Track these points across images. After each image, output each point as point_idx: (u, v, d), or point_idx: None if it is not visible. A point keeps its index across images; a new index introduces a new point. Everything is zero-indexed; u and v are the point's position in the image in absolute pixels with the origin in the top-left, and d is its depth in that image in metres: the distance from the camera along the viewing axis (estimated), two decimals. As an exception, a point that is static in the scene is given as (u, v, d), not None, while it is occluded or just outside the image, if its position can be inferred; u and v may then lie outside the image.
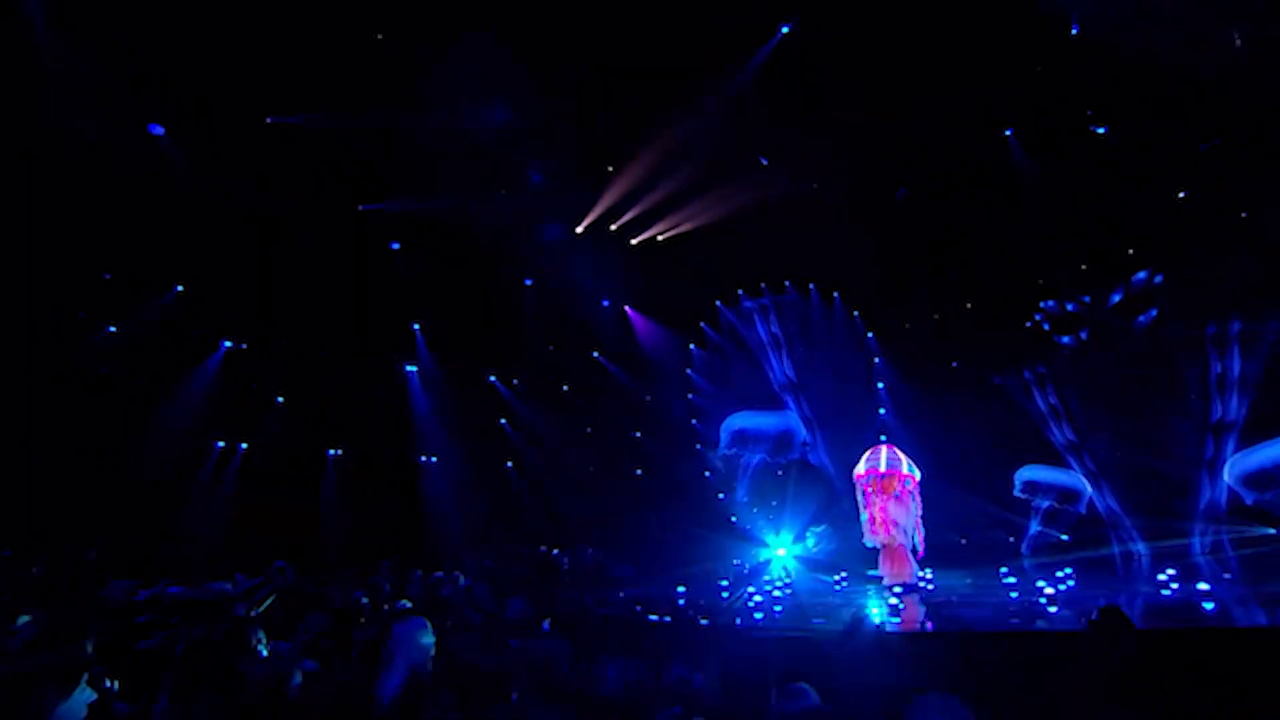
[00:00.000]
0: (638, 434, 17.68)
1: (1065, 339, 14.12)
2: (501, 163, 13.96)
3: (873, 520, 11.72)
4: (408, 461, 15.69)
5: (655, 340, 17.62)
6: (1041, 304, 14.48)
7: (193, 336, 14.62)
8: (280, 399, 15.06)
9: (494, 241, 15.14)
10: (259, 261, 13.52)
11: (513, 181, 14.50)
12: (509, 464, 16.84)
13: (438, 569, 11.63)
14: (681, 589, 11.10)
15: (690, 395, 17.68)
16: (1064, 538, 13.39)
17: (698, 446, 17.54)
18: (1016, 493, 14.15)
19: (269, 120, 12.11)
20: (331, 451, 15.67)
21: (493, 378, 16.94)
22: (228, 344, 14.89)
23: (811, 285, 17.28)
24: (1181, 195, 12.19)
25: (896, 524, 11.45)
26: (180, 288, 13.91)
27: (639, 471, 17.63)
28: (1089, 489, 13.45)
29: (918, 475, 12.23)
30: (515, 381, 17.00)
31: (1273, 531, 11.68)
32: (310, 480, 14.75)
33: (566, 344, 17.19)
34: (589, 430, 17.26)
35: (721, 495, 16.93)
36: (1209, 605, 7.85)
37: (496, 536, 14.38)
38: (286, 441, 14.36)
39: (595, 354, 17.70)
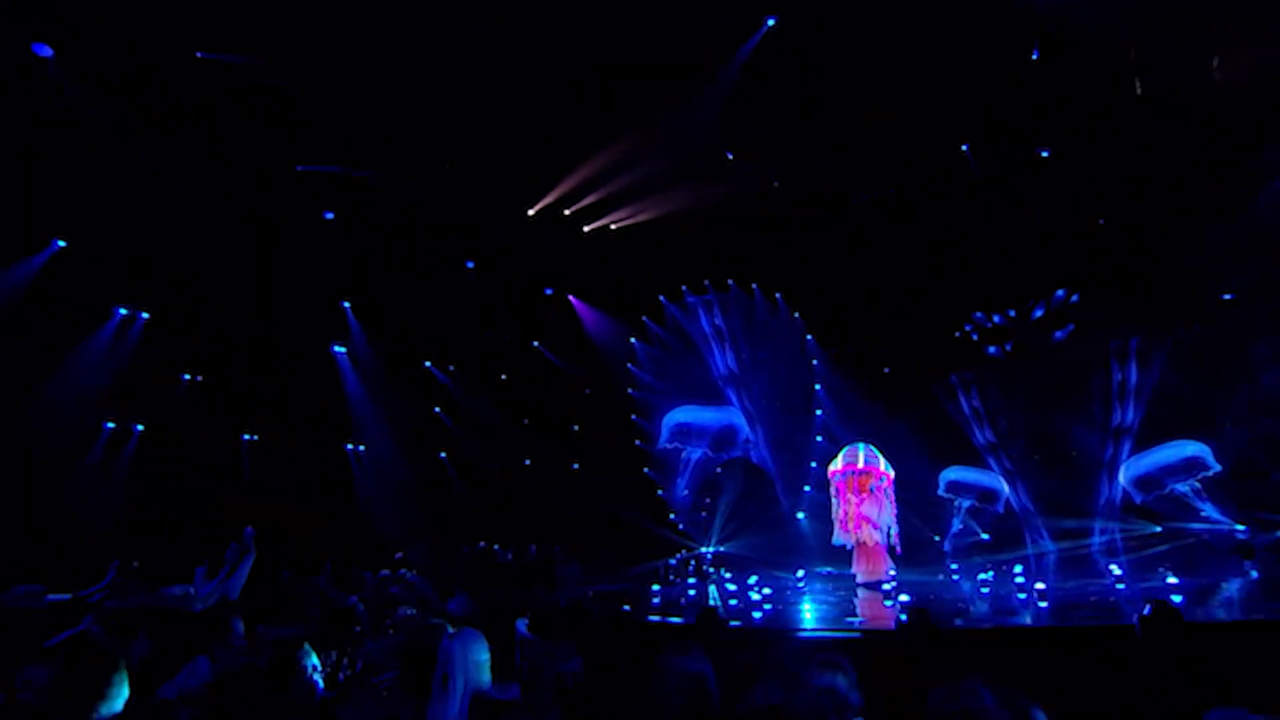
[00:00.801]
0: (576, 427, 17.34)
1: (992, 349, 15.15)
2: (453, 135, 13.19)
3: (846, 517, 11.95)
4: (335, 449, 14.56)
5: (598, 331, 17.34)
6: (973, 315, 15.43)
7: (80, 303, 12.87)
8: (189, 377, 13.53)
9: (438, 218, 14.34)
10: (165, 218, 12.04)
11: (463, 157, 13.72)
12: (442, 454, 16.02)
13: (372, 566, 10.91)
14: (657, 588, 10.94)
15: (630, 390, 17.54)
16: (984, 536, 14.36)
17: (637, 443, 17.43)
18: (940, 492, 15.02)
19: (199, 55, 10.72)
20: (247, 436, 14.29)
21: (428, 364, 16.04)
22: (123, 312, 13.23)
23: (755, 285, 17.56)
24: (1100, 221, 13.34)
25: (872, 521, 11.71)
26: (62, 243, 12.18)
27: (576, 466, 17.30)
28: (1006, 488, 14.52)
29: (892, 474, 12.61)
30: (451, 368, 16.18)
31: (1159, 530, 13.06)
32: (226, 468, 13.32)
33: (506, 331, 16.57)
34: (525, 421, 16.71)
35: (660, 492, 16.91)
36: (1177, 598, 8.58)
37: (432, 531, 13.61)
38: (197, 424, 12.90)
39: (535, 343, 17.19)
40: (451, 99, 12.36)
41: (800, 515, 16.07)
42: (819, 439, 16.76)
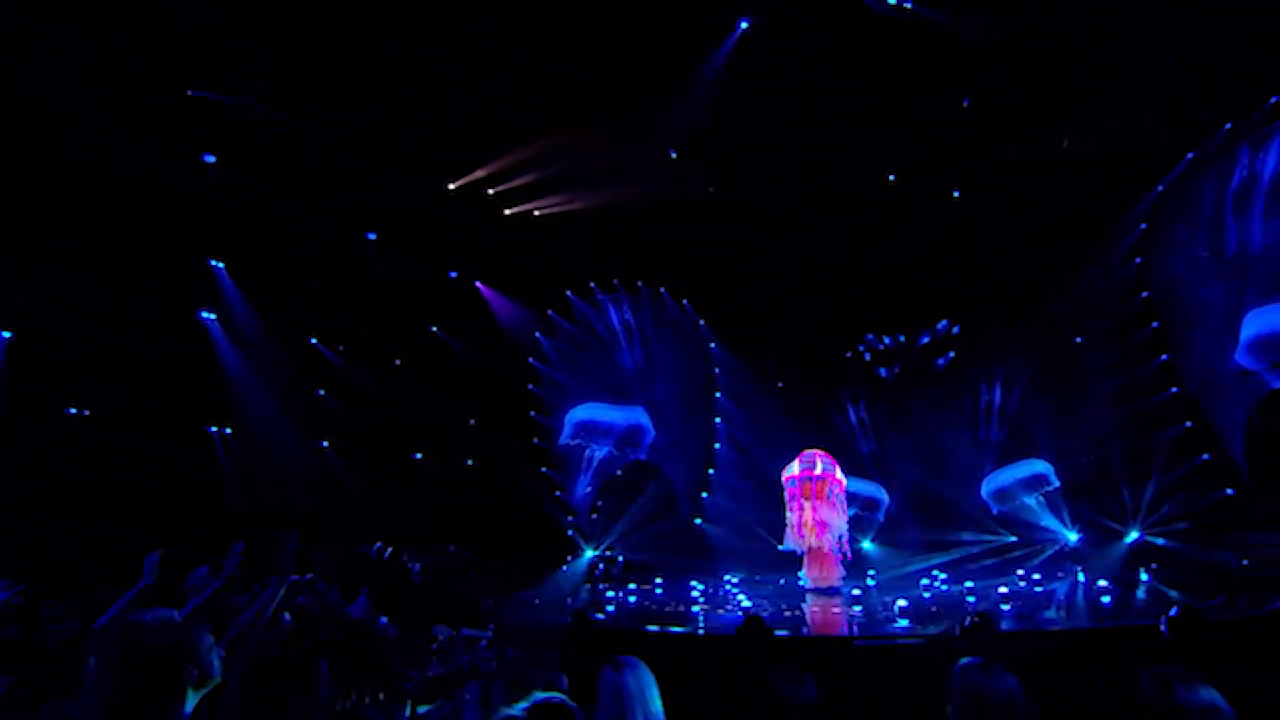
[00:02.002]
0: (473, 421, 16.30)
1: (882, 371, 16.41)
2: (379, 86, 11.84)
3: (802, 524, 12.11)
4: (198, 431, 12.41)
5: (504, 322, 16.47)
6: (865, 336, 16.62)
7: None
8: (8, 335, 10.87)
9: (341, 179, 12.83)
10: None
11: (386, 112, 12.37)
12: (324, 443, 14.28)
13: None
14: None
15: (531, 386, 16.83)
16: (868, 543, 15.49)
17: (535, 440, 16.75)
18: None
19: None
20: (73, 410, 11.74)
21: (314, 340, 14.26)
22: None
23: (663, 289, 17.58)
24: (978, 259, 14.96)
25: (827, 527, 11.96)
26: None
27: (470, 462, 16.26)
28: (887, 498, 15.77)
29: (845, 481, 12.92)
30: (340, 348, 14.51)
31: (1014, 539, 14.83)
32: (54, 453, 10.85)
33: (404, 312, 15.18)
34: (420, 412, 15.41)
35: (558, 493, 16.36)
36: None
37: (319, 530, 12.03)
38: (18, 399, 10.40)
39: (434, 328, 15.94)
40: (386, 43, 11.13)
41: (698, 521, 16.32)
42: (717, 445, 17.15)
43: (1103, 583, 10.45)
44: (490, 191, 14.08)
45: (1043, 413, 14.39)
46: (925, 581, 12.19)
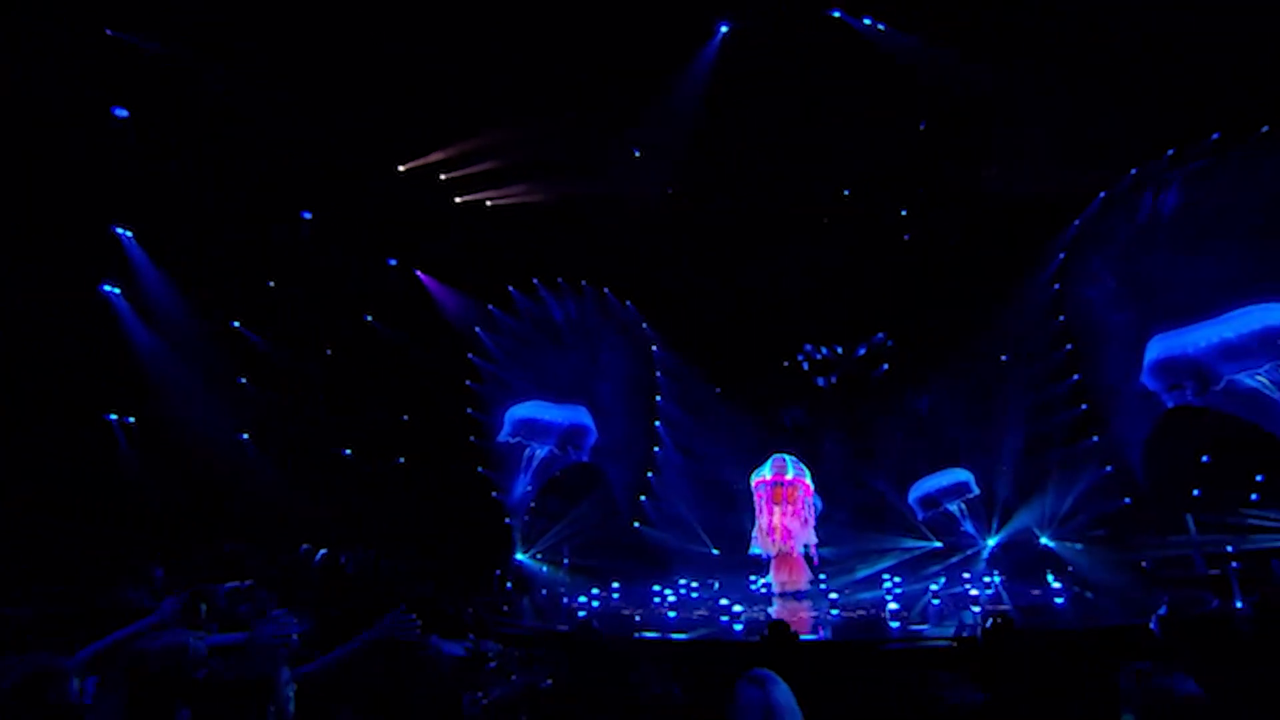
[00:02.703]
0: (406, 417, 15.40)
1: (820, 380, 16.91)
2: (329, 50, 10.88)
3: (772, 529, 12.03)
4: (97, 419, 10.93)
5: (444, 314, 15.70)
6: (804, 346, 17.08)
7: None
8: None
9: (278, 147, 11.76)
10: None
11: (335, 81, 11.42)
12: (244, 435, 12.98)
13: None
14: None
15: (469, 382, 16.13)
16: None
17: (471, 438, 16.04)
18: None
19: None
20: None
21: (237, 324, 12.97)
22: None
23: (606, 290, 17.33)
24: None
25: (794, 533, 11.91)
26: None
27: (401, 459, 15.32)
28: (820, 503, 16.23)
29: (806, 480, 12.95)
30: (266, 334, 13.29)
31: (940, 545, 15.64)
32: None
33: (339, 298, 14.14)
34: (351, 405, 14.40)
35: (494, 494, 15.74)
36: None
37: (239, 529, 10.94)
38: None
39: (369, 317, 14.94)
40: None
41: (636, 525, 16.17)
42: (656, 449, 17.08)
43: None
44: (442, 177, 13.37)
45: (966, 424, 15.29)
46: (888, 584, 12.66)
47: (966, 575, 12.87)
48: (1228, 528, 11.89)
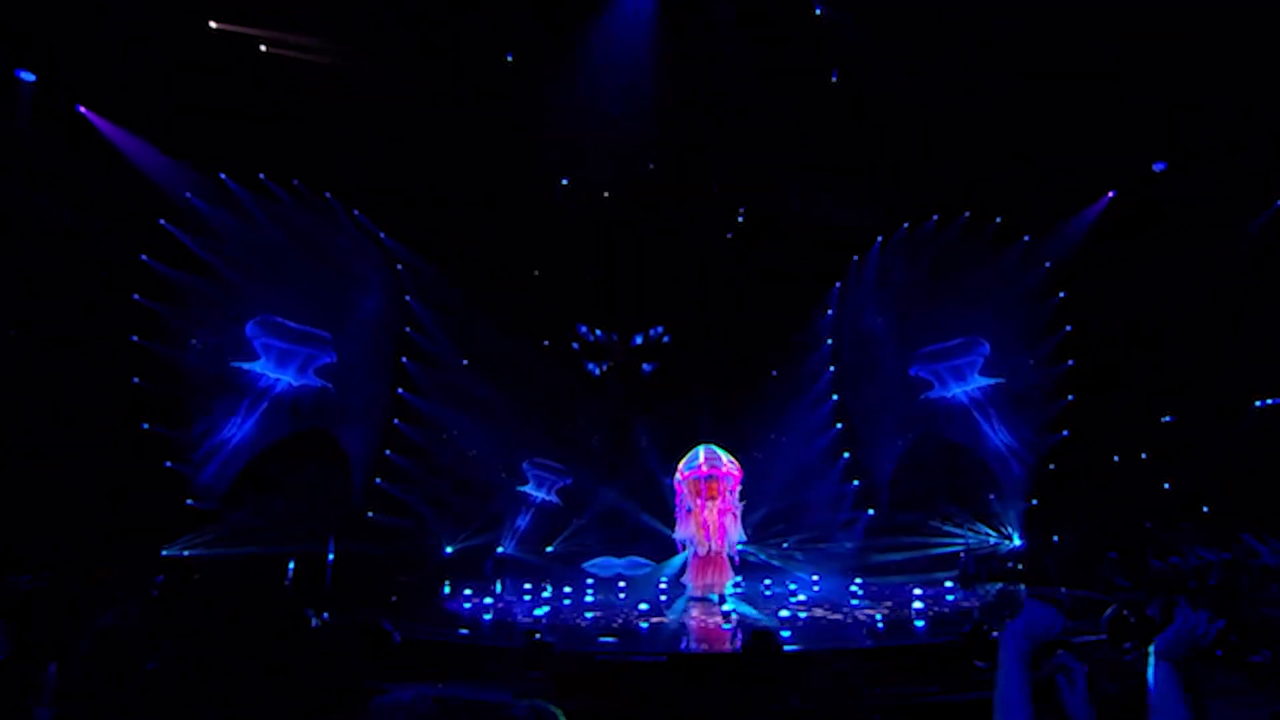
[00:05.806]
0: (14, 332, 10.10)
1: (590, 365, 15.34)
2: None
3: (707, 526, 10.74)
4: None
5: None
6: (578, 327, 15.40)
7: None
8: None
9: None
10: None
11: None
12: None
13: None
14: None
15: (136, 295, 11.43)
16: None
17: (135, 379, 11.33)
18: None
19: None
20: None
21: None
22: None
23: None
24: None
25: (728, 531, 10.79)
26: None
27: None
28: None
29: (737, 472, 11.55)
30: None
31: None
32: None
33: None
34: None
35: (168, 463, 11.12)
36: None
37: None
38: None
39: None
40: None
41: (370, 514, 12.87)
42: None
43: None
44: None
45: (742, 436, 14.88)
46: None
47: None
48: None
